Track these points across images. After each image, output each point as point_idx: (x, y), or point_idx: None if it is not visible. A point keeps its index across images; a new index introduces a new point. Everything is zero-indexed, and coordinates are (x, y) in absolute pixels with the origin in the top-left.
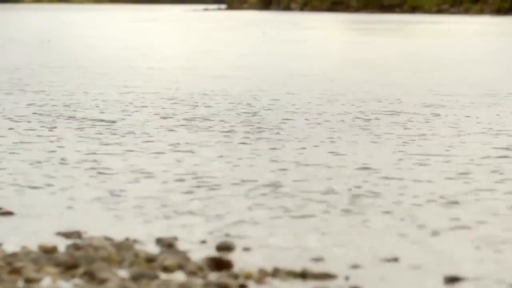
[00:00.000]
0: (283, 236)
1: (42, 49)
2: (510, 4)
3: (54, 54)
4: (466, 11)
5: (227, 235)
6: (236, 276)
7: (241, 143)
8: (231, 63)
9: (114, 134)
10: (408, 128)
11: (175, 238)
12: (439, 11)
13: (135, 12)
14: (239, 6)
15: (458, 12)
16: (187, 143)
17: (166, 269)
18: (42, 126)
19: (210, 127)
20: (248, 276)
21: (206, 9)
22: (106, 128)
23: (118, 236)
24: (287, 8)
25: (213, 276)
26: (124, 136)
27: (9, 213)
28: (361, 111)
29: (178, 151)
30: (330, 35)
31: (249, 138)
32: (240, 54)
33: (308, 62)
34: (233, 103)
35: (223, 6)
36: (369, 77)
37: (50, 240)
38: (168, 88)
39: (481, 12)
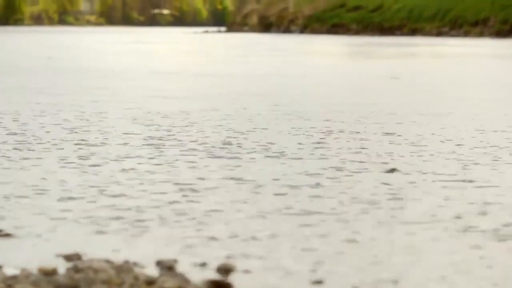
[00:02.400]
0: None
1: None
2: (510, 27)
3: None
4: (466, 34)
5: (228, 257)
6: None
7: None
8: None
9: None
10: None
11: (175, 261)
12: (439, 33)
13: (139, 35)
14: (239, 29)
15: (458, 35)
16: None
17: None
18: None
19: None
20: None
21: (206, 31)
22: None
23: (118, 259)
24: (287, 30)
25: None
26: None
27: (8, 235)
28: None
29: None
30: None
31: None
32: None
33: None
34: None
35: (223, 28)
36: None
37: (50, 262)
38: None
39: (480, 34)
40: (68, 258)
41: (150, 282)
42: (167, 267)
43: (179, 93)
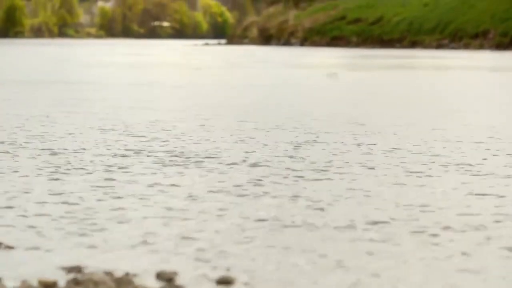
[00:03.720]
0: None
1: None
2: (510, 40)
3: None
4: (466, 46)
5: (228, 269)
6: None
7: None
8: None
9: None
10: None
11: (175, 273)
12: (439, 46)
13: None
14: (239, 41)
15: (458, 47)
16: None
17: None
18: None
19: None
20: None
21: (206, 44)
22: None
23: (118, 271)
24: (287, 43)
25: None
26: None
27: (9, 247)
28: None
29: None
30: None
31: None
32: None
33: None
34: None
35: (223, 41)
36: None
37: (50, 274)
38: None
39: (481, 47)
40: (68, 270)
41: None
42: (167, 279)
43: (146, 104)
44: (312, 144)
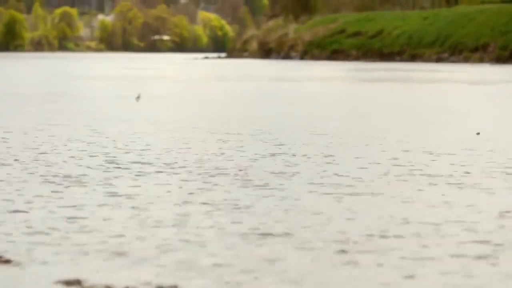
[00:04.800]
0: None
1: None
2: (510, 53)
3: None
4: (466, 60)
5: (227, 283)
6: None
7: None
8: None
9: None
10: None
11: (175, 287)
12: (439, 59)
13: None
14: (239, 55)
15: (458, 61)
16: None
17: None
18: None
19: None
20: None
21: (206, 57)
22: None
23: (119, 284)
24: (287, 56)
25: None
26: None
27: (7, 262)
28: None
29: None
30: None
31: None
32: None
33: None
34: None
35: (223, 54)
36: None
37: None
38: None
39: (480, 60)
40: (68, 284)
41: None
42: None
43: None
44: (277, 155)
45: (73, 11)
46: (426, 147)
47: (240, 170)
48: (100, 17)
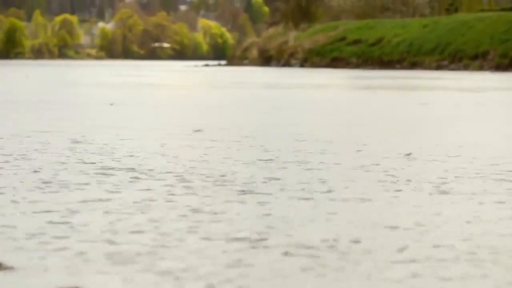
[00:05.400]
0: None
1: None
2: (510, 61)
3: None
4: (466, 67)
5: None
6: None
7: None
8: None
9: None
10: None
11: None
12: (439, 67)
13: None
14: (239, 62)
15: (458, 68)
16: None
17: None
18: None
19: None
20: None
21: (206, 65)
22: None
23: None
24: (287, 64)
25: None
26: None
27: (9, 268)
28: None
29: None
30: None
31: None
32: None
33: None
34: None
35: (223, 62)
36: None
37: None
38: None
39: (480, 68)
40: None
41: None
42: None
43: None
44: (271, 162)
45: (73, 19)
46: (407, 152)
47: (222, 176)
48: (100, 24)
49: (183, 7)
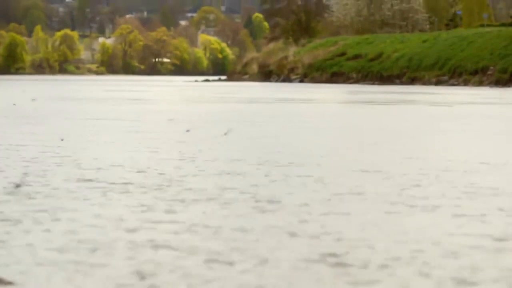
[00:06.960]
0: None
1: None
2: (509, 76)
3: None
4: (466, 83)
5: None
6: None
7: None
8: None
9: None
10: None
11: None
12: (438, 82)
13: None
14: (239, 77)
15: (458, 84)
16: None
17: None
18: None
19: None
20: None
21: (207, 80)
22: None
23: None
24: (287, 79)
25: None
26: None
27: (9, 283)
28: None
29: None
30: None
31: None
32: None
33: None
34: None
35: (223, 77)
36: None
37: None
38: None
39: (480, 83)
40: None
41: None
42: None
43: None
44: (264, 176)
45: (74, 34)
46: (376, 166)
47: (203, 189)
48: (101, 39)
49: (183, 23)
